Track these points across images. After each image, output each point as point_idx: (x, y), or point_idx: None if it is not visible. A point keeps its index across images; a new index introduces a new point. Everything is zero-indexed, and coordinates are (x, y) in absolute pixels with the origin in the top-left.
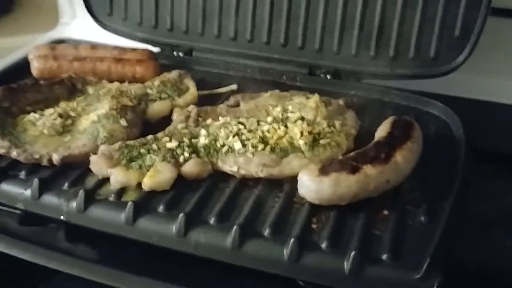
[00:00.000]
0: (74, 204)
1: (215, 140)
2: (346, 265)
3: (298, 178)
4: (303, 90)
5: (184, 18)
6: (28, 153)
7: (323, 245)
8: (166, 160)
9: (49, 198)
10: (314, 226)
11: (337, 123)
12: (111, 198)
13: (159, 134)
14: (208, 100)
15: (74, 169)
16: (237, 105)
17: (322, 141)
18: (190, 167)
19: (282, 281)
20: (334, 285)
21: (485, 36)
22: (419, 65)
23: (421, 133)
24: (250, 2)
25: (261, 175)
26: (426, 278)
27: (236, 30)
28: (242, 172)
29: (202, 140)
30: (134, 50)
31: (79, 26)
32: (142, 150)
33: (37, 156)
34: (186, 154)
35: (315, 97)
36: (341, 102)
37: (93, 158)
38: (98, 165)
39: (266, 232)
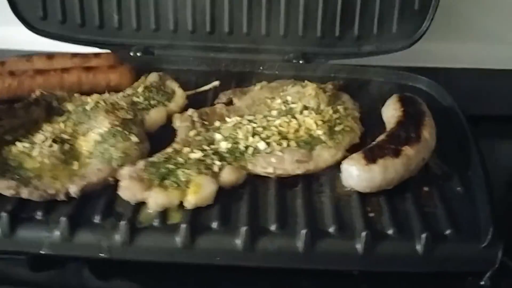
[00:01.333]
0: (117, 238)
1: (236, 142)
2: (419, 248)
3: (344, 169)
4: (281, 77)
5: (134, 14)
6: (42, 190)
7: (391, 232)
8: (202, 172)
9: (84, 236)
10: (371, 215)
11: (340, 108)
12: (156, 224)
13: (176, 146)
14: (194, 101)
15: (96, 199)
16: (229, 102)
17: (336, 128)
18: (228, 176)
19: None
20: (408, 269)
21: (442, 6)
22: (383, 40)
23: None
24: None
25: (298, 172)
26: (491, 246)
27: (195, 23)
28: (279, 172)
29: (224, 145)
30: (97, 55)
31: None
32: (170, 166)
33: (52, 192)
34: (218, 163)
35: (312, 85)
36: (331, 86)
37: (124, 183)
38: (131, 190)
39: (332, 230)
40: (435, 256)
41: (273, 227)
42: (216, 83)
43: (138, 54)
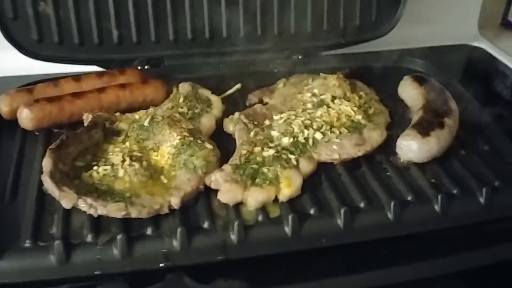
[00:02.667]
0: (233, 238)
1: (295, 136)
2: (482, 200)
3: (404, 145)
4: (284, 73)
5: (134, 28)
6: (149, 207)
7: (456, 192)
8: (285, 167)
9: (200, 243)
10: (433, 181)
11: (362, 94)
12: (261, 219)
13: (246, 147)
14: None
15: (194, 207)
16: (260, 102)
17: (370, 111)
18: (307, 166)
19: None
20: (475, 219)
21: None
22: (365, 30)
23: None
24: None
25: (359, 154)
26: None
27: (194, 30)
28: (344, 156)
29: (286, 141)
30: (122, 72)
31: None
32: (253, 166)
33: (157, 207)
34: (292, 156)
35: (333, 76)
36: (341, 75)
37: (224, 187)
38: (232, 193)
39: (411, 198)
40: (496, 205)
41: (362, 205)
42: (238, 85)
43: (146, 67)
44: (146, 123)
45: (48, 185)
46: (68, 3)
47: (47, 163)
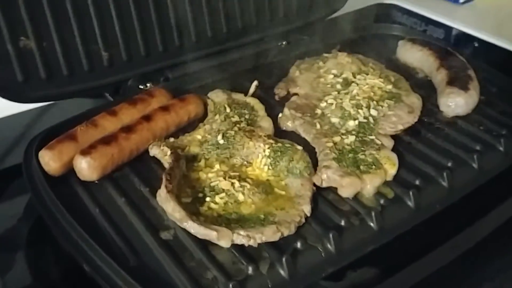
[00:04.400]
0: (373, 226)
1: (355, 118)
2: None
3: (450, 102)
4: (281, 63)
5: (122, 46)
6: (292, 222)
7: (504, 132)
8: (377, 148)
9: (351, 239)
10: (481, 128)
11: (370, 64)
12: (383, 203)
13: (325, 140)
14: None
15: (315, 210)
16: (288, 93)
17: (392, 79)
18: (389, 142)
19: None
20: None
21: None
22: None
23: None
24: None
25: (415, 120)
26: None
27: (181, 37)
28: (406, 126)
29: (352, 124)
30: (149, 94)
31: None
32: (350, 155)
33: (298, 219)
34: (372, 137)
35: (343, 53)
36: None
37: (345, 181)
38: (353, 185)
39: (479, 147)
40: None
41: (451, 164)
42: (256, 82)
43: (148, 85)
44: (221, 141)
45: (199, 229)
46: (51, 32)
47: (176, 208)
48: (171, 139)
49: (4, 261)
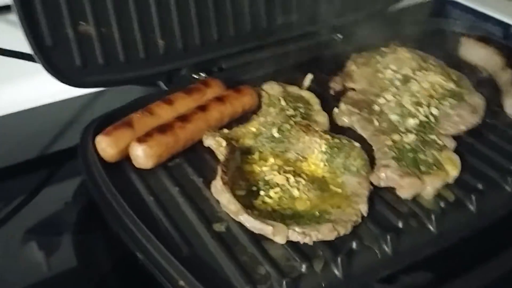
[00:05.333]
0: (432, 230)
1: (415, 116)
2: None
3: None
4: (337, 56)
5: (178, 33)
6: (348, 221)
7: None
8: (439, 149)
9: (408, 242)
10: None
11: (431, 61)
12: (443, 205)
13: (384, 137)
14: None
15: (372, 209)
16: (344, 88)
17: (453, 77)
18: (451, 143)
19: None
20: None
21: None
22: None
23: None
24: None
25: (479, 121)
26: None
27: (237, 26)
28: (469, 126)
29: (412, 122)
30: (206, 84)
31: None
32: (410, 155)
33: (354, 218)
34: (433, 137)
35: (402, 48)
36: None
37: (405, 182)
38: (413, 186)
39: None
40: None
41: None
42: (311, 76)
43: (202, 74)
44: (276, 134)
45: (254, 223)
46: (110, 18)
47: (231, 200)
48: (226, 130)
49: (50, 243)
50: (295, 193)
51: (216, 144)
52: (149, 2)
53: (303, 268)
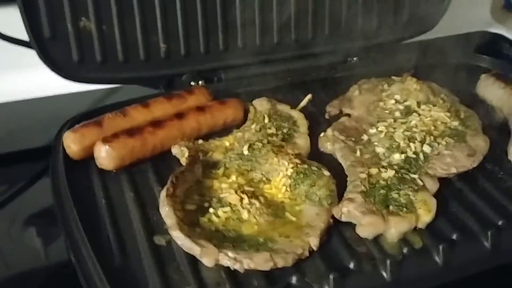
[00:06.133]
0: (386, 277)
1: (403, 152)
2: None
3: None
4: (345, 79)
5: (182, 39)
6: (292, 253)
7: None
8: (415, 189)
9: (354, 286)
10: None
11: (443, 96)
12: (406, 251)
13: (361, 169)
14: None
15: (326, 245)
16: (340, 113)
17: (462, 116)
18: (433, 185)
19: None
20: None
21: None
22: (413, 25)
23: None
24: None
25: (475, 165)
26: None
27: (245, 38)
28: (460, 170)
29: (398, 157)
30: (189, 92)
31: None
32: (381, 192)
33: (300, 252)
34: (414, 176)
35: (412, 79)
36: (413, 77)
37: (365, 220)
38: (374, 226)
39: None
40: None
41: (501, 223)
42: (310, 96)
43: (200, 82)
44: (245, 152)
45: (183, 241)
46: (112, 17)
47: (169, 214)
48: (200, 141)
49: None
50: (244, 215)
51: (180, 153)
52: (154, 4)
53: None
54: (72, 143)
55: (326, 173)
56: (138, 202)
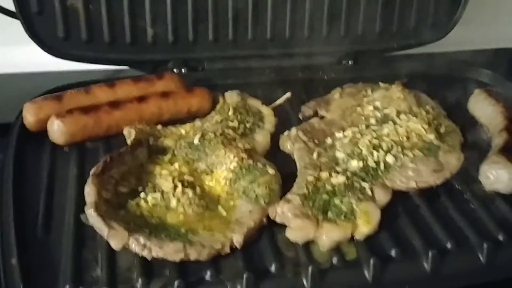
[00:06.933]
0: (305, 284)
1: (363, 159)
2: None
3: (491, 174)
4: (334, 82)
5: (170, 27)
6: (209, 247)
7: None
8: (361, 198)
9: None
10: None
11: (429, 108)
12: (336, 262)
13: (311, 172)
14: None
15: (257, 245)
16: (315, 114)
17: (441, 130)
18: (384, 197)
19: None
20: None
21: None
22: (420, 32)
23: None
24: None
25: (438, 182)
26: None
27: (236, 31)
28: (421, 185)
29: (355, 164)
30: (160, 77)
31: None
32: (323, 196)
33: (219, 247)
34: (365, 185)
35: (397, 87)
36: (400, 85)
37: (295, 223)
38: (304, 230)
39: (502, 238)
40: None
41: (449, 246)
42: (288, 94)
43: (183, 70)
44: (196, 141)
45: (94, 220)
46: None
47: (91, 192)
48: (159, 127)
49: None
50: (173, 204)
51: (128, 135)
52: None
53: (138, 283)
54: (28, 114)
55: (271, 171)
56: (79, 179)
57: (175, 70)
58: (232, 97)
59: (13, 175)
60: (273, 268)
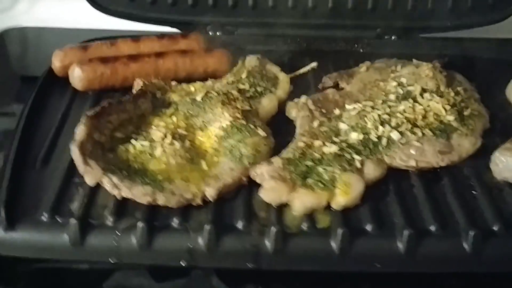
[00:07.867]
0: (267, 245)
1: (366, 133)
2: None
3: (501, 161)
4: (370, 55)
5: None
6: (178, 195)
7: None
8: (347, 169)
9: (229, 245)
10: None
11: (460, 89)
12: (305, 228)
13: (304, 139)
14: (294, 85)
15: (232, 202)
16: (336, 86)
17: (465, 113)
18: (373, 172)
19: None
20: None
21: None
22: (477, 13)
23: None
24: None
25: (442, 164)
26: None
27: None
28: (421, 165)
29: (355, 137)
30: (185, 36)
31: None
32: (308, 163)
33: (189, 196)
34: (357, 157)
35: (428, 64)
36: (437, 64)
37: (268, 184)
38: (277, 192)
39: (497, 228)
40: None
41: (433, 228)
42: (314, 64)
43: (218, 33)
44: (198, 98)
45: (75, 156)
46: None
47: (80, 131)
48: (173, 83)
49: None
50: (157, 152)
51: (136, 86)
52: None
53: (108, 220)
54: (56, 60)
55: (262, 133)
56: None
57: (210, 33)
58: (250, 61)
59: (29, 110)
60: (239, 224)
